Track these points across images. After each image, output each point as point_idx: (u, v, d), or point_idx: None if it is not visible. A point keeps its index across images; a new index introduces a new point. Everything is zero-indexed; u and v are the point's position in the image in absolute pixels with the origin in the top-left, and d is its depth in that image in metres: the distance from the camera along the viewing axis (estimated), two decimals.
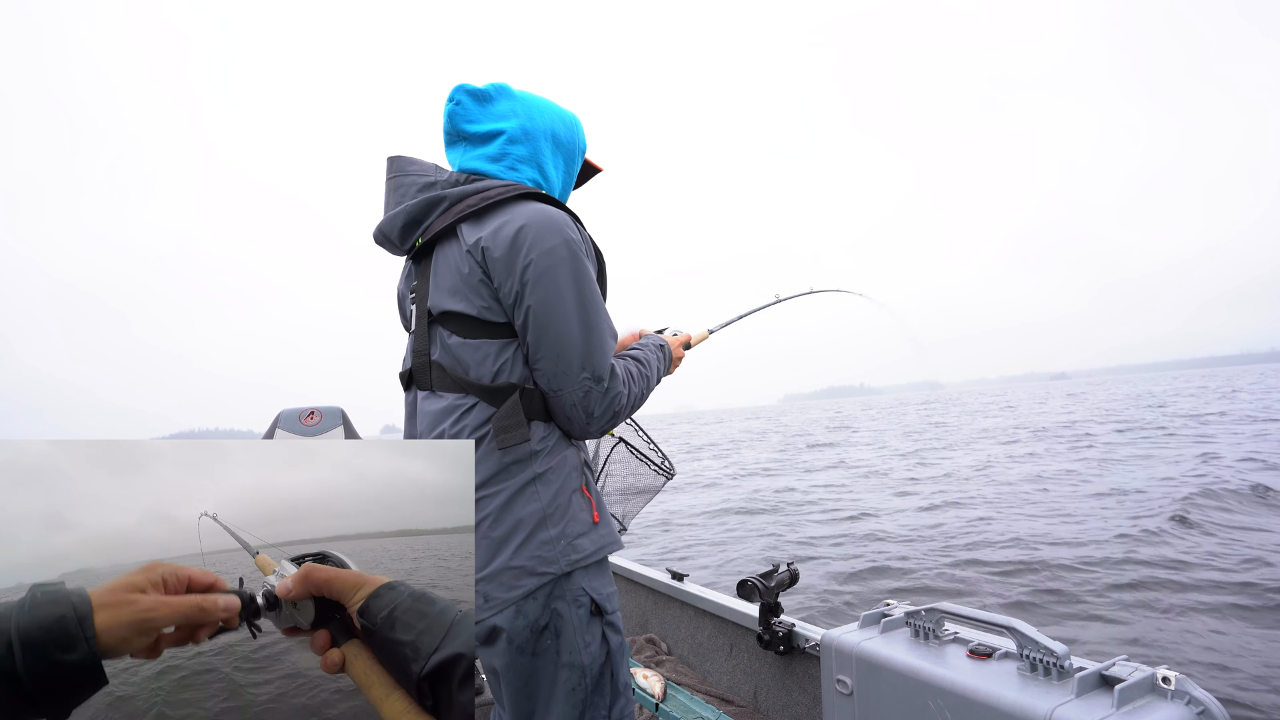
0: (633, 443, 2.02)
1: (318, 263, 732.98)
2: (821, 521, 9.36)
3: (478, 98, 1.28)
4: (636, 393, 1.30)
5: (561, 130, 1.34)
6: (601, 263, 1.33)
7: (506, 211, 1.19)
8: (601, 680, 1.21)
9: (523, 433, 1.17)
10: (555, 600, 1.17)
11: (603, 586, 1.24)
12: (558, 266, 1.16)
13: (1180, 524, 7.30)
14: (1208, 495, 8.65)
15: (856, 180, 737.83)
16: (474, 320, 1.20)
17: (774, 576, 2.29)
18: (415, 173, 1.27)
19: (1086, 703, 1.24)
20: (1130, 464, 12.30)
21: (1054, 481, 11.08)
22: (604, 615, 1.22)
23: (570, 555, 1.18)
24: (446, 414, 1.22)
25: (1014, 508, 9.12)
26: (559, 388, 1.18)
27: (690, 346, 1.66)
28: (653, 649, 3.06)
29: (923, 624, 1.61)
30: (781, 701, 2.37)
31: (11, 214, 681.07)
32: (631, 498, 2.06)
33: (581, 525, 1.21)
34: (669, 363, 1.49)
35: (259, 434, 2.00)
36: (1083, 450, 15.16)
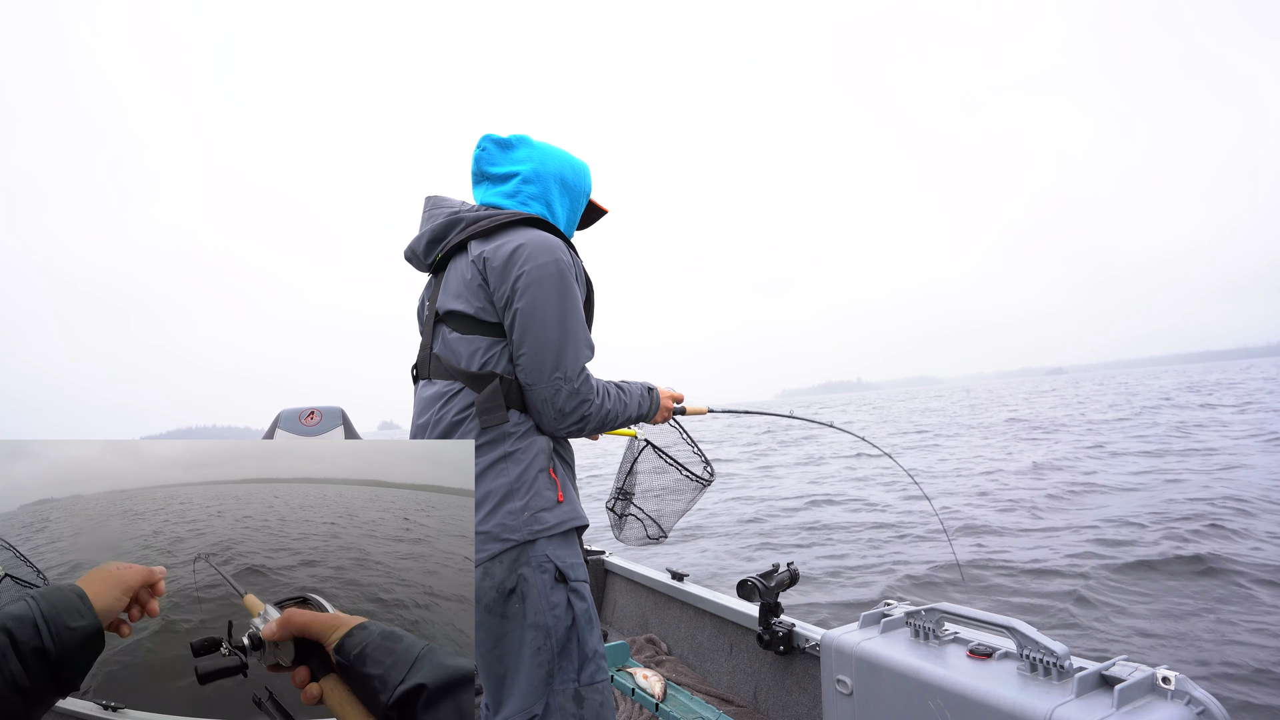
0: (670, 446, 1.98)
1: (319, 261, 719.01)
2: (822, 520, 9.36)
3: (501, 145, 1.52)
4: (610, 408, 1.46)
5: (569, 175, 1.55)
6: (590, 290, 1.52)
7: (510, 233, 1.39)
8: (569, 644, 1.32)
9: (502, 415, 1.33)
10: (521, 566, 1.30)
11: (568, 556, 1.36)
12: (546, 279, 1.34)
13: (1181, 524, 7.30)
14: (1211, 496, 8.66)
15: (849, 178, 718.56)
16: (471, 318, 1.39)
17: (774, 576, 2.29)
18: (445, 206, 1.52)
19: (1086, 703, 1.24)
20: (1131, 464, 12.30)
21: (1054, 480, 11.09)
22: (568, 581, 1.34)
23: (533, 525, 1.31)
24: (436, 398, 1.40)
25: (1014, 507, 9.12)
26: (533, 383, 1.35)
27: (684, 411, 1.78)
28: (653, 649, 3.06)
29: (923, 624, 1.61)
30: (781, 701, 2.37)
31: (13, 214, 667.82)
32: (666, 500, 2.02)
33: (545, 501, 1.35)
34: (654, 407, 1.63)
35: (259, 432, 2.01)
36: (1084, 448, 15.17)
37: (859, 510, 9.92)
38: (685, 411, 1.79)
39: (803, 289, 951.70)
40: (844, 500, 11.02)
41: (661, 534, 2.05)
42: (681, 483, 2.00)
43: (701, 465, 2.01)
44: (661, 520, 2.04)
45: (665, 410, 1.69)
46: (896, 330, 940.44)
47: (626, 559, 3.63)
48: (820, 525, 9.12)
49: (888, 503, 10.36)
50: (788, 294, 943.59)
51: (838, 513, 9.87)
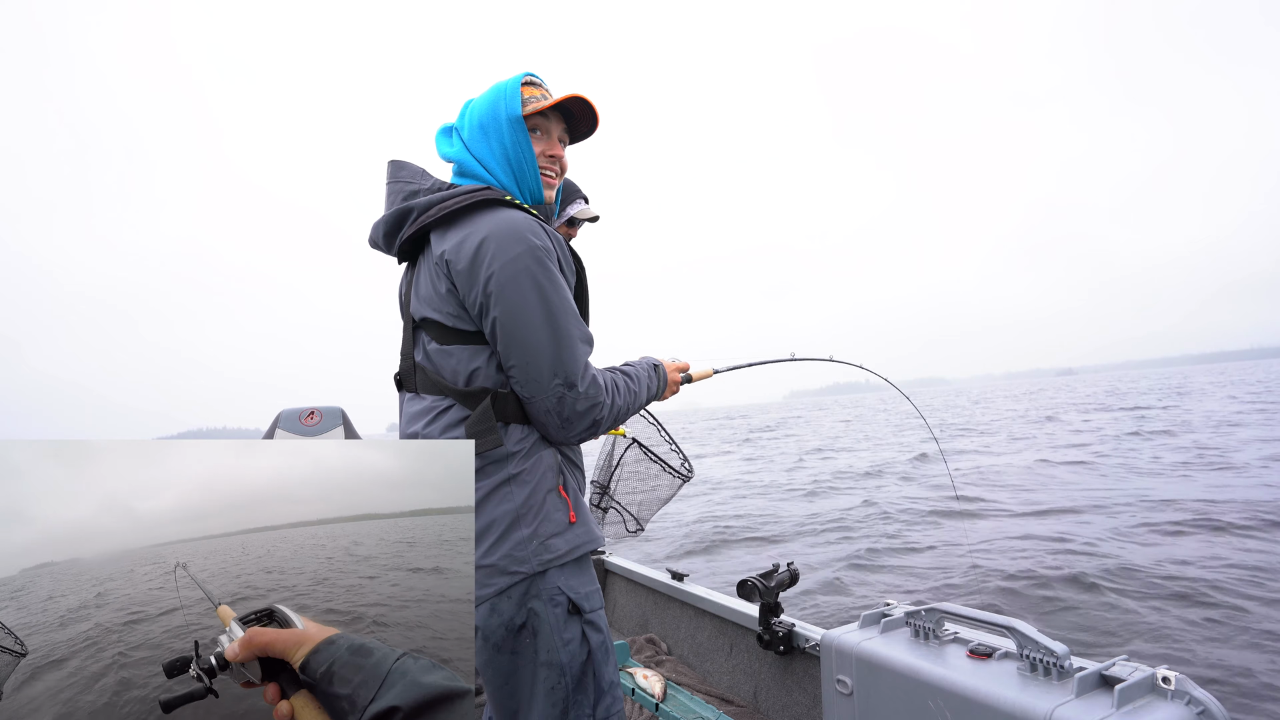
0: (651, 443, 2.03)
1: (327, 264, 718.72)
2: (821, 520, 9.36)
3: (445, 132, 1.36)
4: (621, 405, 1.31)
5: (485, 115, 1.30)
6: (580, 266, 1.34)
7: (470, 223, 1.21)
8: (584, 679, 1.22)
9: (495, 438, 1.18)
10: (531, 599, 1.19)
11: (581, 585, 1.24)
12: (520, 276, 1.16)
13: (1181, 523, 7.29)
14: (1214, 494, 8.65)
15: (846, 183, 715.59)
16: (447, 328, 1.24)
17: (774, 576, 2.29)
18: (404, 179, 1.34)
19: (1086, 703, 1.24)
20: (1134, 462, 12.29)
21: (1055, 479, 11.08)
22: (583, 614, 1.23)
23: (543, 555, 1.19)
24: (424, 414, 1.26)
25: (1015, 507, 9.12)
26: (532, 394, 1.20)
27: (690, 380, 1.68)
28: (653, 649, 3.06)
29: (923, 624, 1.61)
30: (781, 701, 2.37)
31: (23, 225, 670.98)
32: (648, 496, 2.07)
33: (556, 525, 1.22)
34: (663, 385, 1.50)
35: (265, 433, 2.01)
36: (1088, 447, 15.16)
37: (860, 510, 9.92)
38: (692, 379, 1.69)
39: (806, 292, 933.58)
40: (845, 501, 11.01)
41: (639, 527, 2.08)
42: (662, 478, 2.04)
43: (680, 460, 2.04)
44: (640, 514, 2.08)
45: (674, 384, 1.56)
46: (899, 332, 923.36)
47: (627, 559, 3.63)
48: (820, 525, 9.12)
49: (888, 503, 10.36)
50: (791, 297, 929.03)
51: (838, 513, 9.86)
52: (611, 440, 2.12)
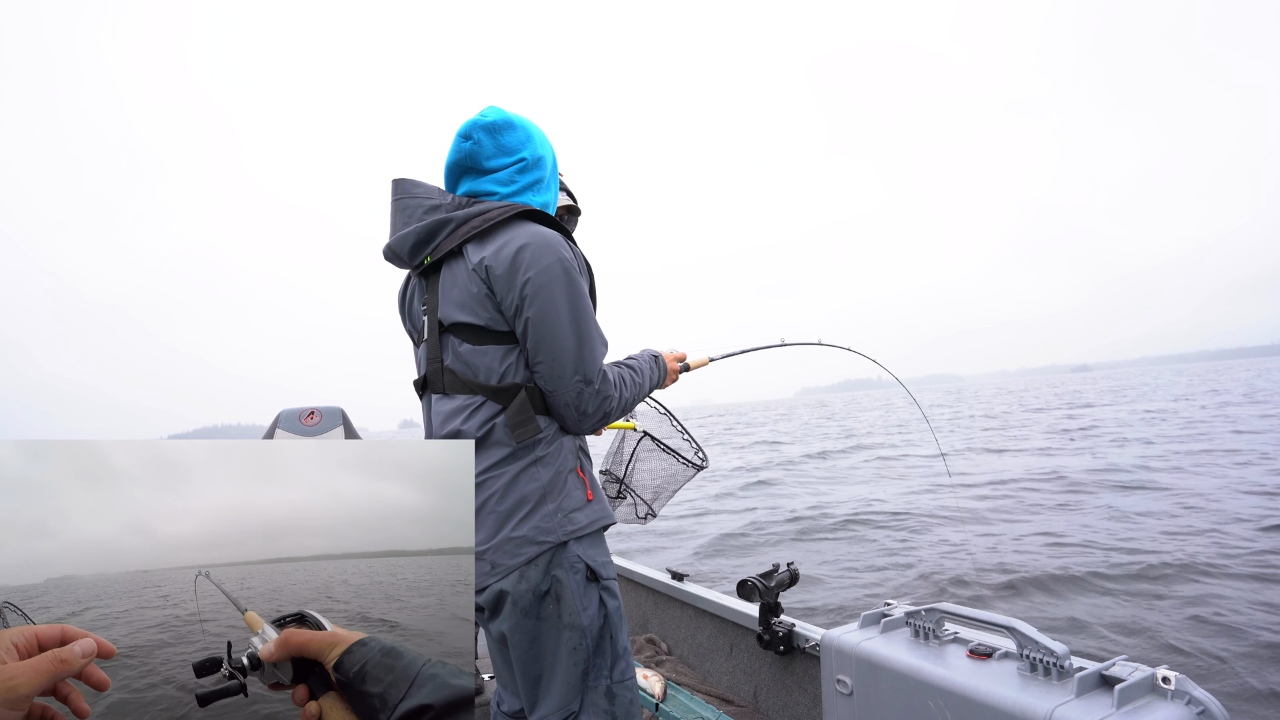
0: (665, 434, 2.07)
1: (332, 266, 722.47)
2: (822, 520, 9.36)
3: (492, 132, 1.39)
4: (628, 397, 1.46)
5: (549, 156, 1.49)
6: (591, 276, 1.49)
7: (507, 232, 1.33)
8: (602, 642, 1.35)
9: (535, 426, 1.32)
10: (555, 568, 1.32)
11: (598, 555, 1.38)
12: (553, 283, 1.30)
13: (1182, 523, 7.29)
14: (1215, 495, 8.65)
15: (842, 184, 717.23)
16: (481, 329, 1.35)
17: (774, 576, 2.29)
18: (421, 195, 1.41)
19: (1086, 703, 1.24)
20: (1136, 462, 12.28)
21: (1056, 478, 11.08)
22: (600, 580, 1.36)
23: (566, 526, 1.33)
24: (458, 413, 1.37)
25: (1015, 506, 9.12)
26: (554, 388, 1.34)
27: (689, 368, 1.78)
28: (653, 649, 3.06)
29: (923, 624, 1.61)
30: (781, 701, 2.37)
31: (30, 230, 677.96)
32: (662, 485, 2.10)
33: (576, 501, 1.36)
34: (663, 374, 1.63)
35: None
36: (1092, 447, 15.14)
37: (861, 509, 9.92)
38: (690, 368, 1.78)
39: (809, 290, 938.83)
40: (846, 500, 11.01)
41: (651, 514, 2.12)
42: (674, 468, 2.07)
43: (693, 451, 2.09)
44: (653, 503, 2.10)
45: (673, 374, 1.69)
46: (904, 329, 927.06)
47: (627, 559, 3.63)
48: (820, 525, 9.12)
49: (889, 503, 10.36)
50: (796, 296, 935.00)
51: (839, 512, 9.87)
52: (621, 434, 2.15)
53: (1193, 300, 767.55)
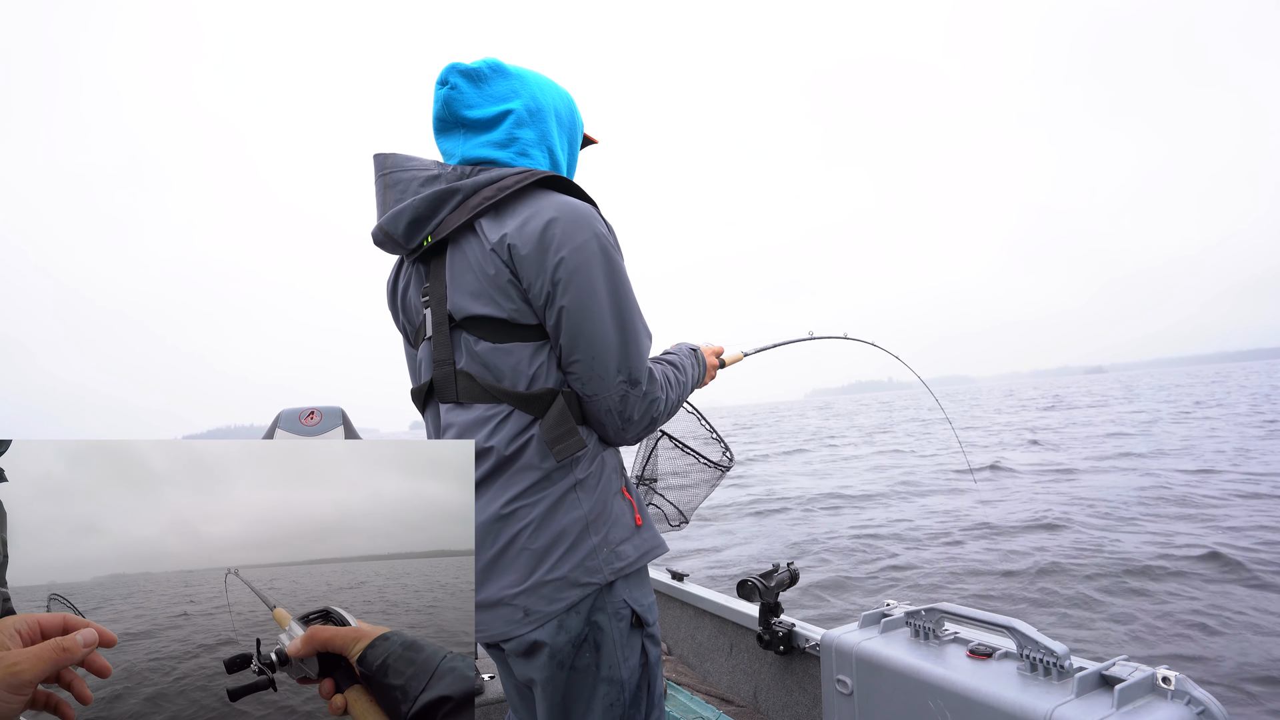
0: (690, 433, 1.95)
1: (344, 271, 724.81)
2: (822, 520, 9.36)
3: (472, 78, 1.15)
4: (674, 399, 1.23)
5: (562, 108, 1.24)
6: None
7: (529, 204, 1.09)
8: (639, 693, 1.15)
9: (579, 440, 1.08)
10: (596, 613, 1.10)
11: (643, 597, 1.17)
12: (590, 263, 1.06)
13: (1183, 524, 7.29)
14: (1216, 494, 8.65)
15: (843, 183, 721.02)
16: (504, 323, 1.10)
17: (774, 576, 2.29)
18: (414, 168, 1.16)
19: (1086, 703, 1.24)
20: (1137, 462, 12.28)
21: (1056, 479, 11.08)
22: (645, 628, 1.16)
23: (614, 564, 1.11)
24: (479, 425, 1.12)
25: (1017, 507, 9.12)
26: (594, 392, 1.10)
27: (725, 364, 1.61)
28: None
29: (923, 624, 1.61)
30: (781, 701, 2.37)
31: (40, 239, 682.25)
32: (688, 489, 2.00)
33: (624, 530, 1.14)
34: (703, 371, 1.43)
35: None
36: (1095, 447, 15.14)
37: (861, 510, 9.92)
38: (726, 364, 1.63)
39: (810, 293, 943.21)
40: (848, 499, 11.01)
41: (683, 520, 1.99)
42: (700, 469, 1.96)
43: (720, 450, 1.94)
44: (683, 507, 2.01)
45: (712, 370, 1.50)
46: (909, 330, 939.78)
47: None
48: (820, 525, 9.12)
49: (890, 501, 10.36)
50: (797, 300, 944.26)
51: (839, 511, 9.87)
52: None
53: (1198, 301, 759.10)
